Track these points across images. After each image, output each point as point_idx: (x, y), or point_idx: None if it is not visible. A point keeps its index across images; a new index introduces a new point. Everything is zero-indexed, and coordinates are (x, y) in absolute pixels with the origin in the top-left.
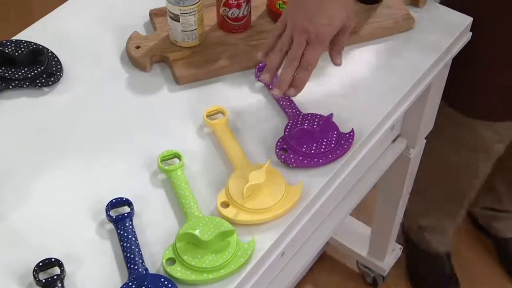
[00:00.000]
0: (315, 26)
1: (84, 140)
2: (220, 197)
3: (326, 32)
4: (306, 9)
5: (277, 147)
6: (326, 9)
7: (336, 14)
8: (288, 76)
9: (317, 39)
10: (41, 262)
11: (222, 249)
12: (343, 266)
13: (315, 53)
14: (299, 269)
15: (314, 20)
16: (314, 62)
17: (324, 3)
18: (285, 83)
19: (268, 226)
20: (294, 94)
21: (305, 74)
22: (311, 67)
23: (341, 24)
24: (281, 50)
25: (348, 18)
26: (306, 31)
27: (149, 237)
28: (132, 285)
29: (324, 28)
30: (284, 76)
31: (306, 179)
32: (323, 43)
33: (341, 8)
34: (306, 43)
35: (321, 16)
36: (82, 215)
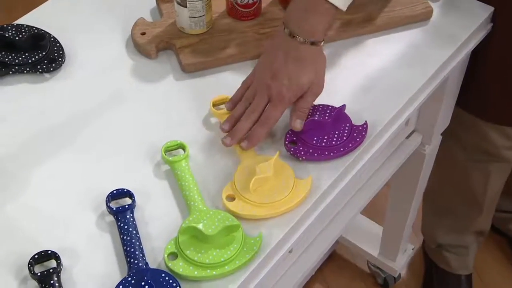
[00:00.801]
0: (277, 85)
1: (86, 129)
2: (225, 190)
3: (284, 94)
4: (272, 63)
5: (286, 139)
6: (289, 69)
7: (300, 77)
8: (244, 128)
9: (277, 98)
10: (37, 255)
11: (227, 244)
12: (353, 266)
13: (275, 111)
14: (308, 268)
15: (277, 78)
16: (272, 119)
17: (288, 63)
18: (238, 134)
19: (276, 221)
20: (246, 147)
21: (261, 130)
22: (268, 124)
23: (303, 88)
24: (246, 102)
25: (314, 83)
26: (268, 88)
27: (151, 231)
28: (131, 280)
29: (283, 89)
30: (239, 126)
31: (316, 173)
32: (282, 103)
33: (308, 72)
34: (268, 99)
35: (282, 76)
36: (81, 206)
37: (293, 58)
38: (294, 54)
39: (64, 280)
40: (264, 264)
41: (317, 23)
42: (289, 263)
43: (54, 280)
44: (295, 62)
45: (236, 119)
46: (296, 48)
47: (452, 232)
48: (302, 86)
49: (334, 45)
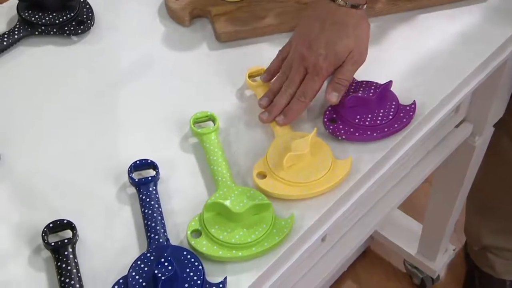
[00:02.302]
0: (312, 55)
1: (112, 97)
2: (257, 166)
3: (321, 64)
4: (309, 32)
5: (326, 116)
6: (326, 36)
7: (338, 43)
8: (281, 103)
9: (314, 70)
10: (52, 224)
11: (255, 224)
12: (388, 264)
13: (312, 85)
14: (340, 260)
15: (313, 48)
16: (310, 93)
17: (325, 29)
18: (275, 109)
19: (309, 203)
20: (282, 123)
21: (298, 105)
22: (306, 99)
23: (341, 55)
24: (283, 75)
25: (355, 50)
26: (303, 59)
27: (174, 206)
28: (150, 256)
29: (320, 58)
30: (277, 102)
31: (356, 155)
32: (320, 76)
33: (347, 37)
34: (305, 71)
35: (319, 45)
36: (102, 177)
37: (330, 23)
38: (332, 19)
39: (79, 252)
40: (295, 248)
41: None
42: (321, 253)
43: (69, 252)
44: (332, 27)
45: (274, 93)
46: (334, 12)
47: (498, 233)
48: (340, 54)
49: (382, 19)
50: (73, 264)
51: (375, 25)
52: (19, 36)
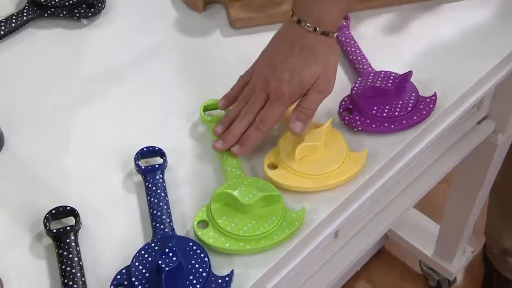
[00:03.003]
0: (276, 79)
1: (121, 83)
2: (268, 157)
3: (284, 90)
4: (274, 56)
5: (341, 107)
6: (292, 62)
7: (304, 70)
8: (237, 131)
9: (276, 96)
10: (54, 210)
11: (264, 216)
12: (403, 265)
13: (272, 112)
14: (354, 258)
15: (277, 73)
16: (269, 121)
17: (293, 55)
18: (230, 137)
19: (322, 196)
20: (237, 153)
21: (256, 134)
22: (264, 127)
23: (306, 83)
24: (243, 101)
25: (321, 78)
26: (266, 83)
27: (182, 195)
28: (155, 246)
29: (283, 84)
30: (232, 129)
31: (373, 147)
32: (281, 102)
33: (314, 64)
34: (266, 97)
35: (283, 70)
36: (108, 163)
37: (298, 48)
38: (300, 44)
39: (81, 240)
40: (305, 243)
41: (331, 9)
42: (334, 249)
43: (71, 239)
44: (300, 53)
45: (231, 121)
46: (303, 37)
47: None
48: (305, 81)
49: (403, 8)
50: (75, 253)
51: (392, 14)
52: (28, 18)
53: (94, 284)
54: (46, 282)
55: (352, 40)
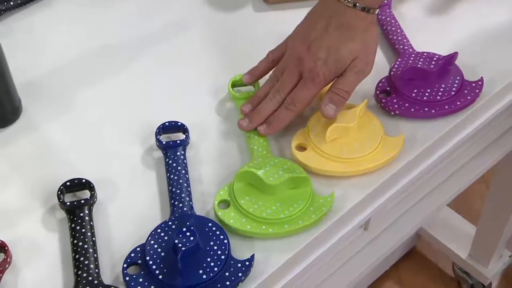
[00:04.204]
0: (311, 58)
1: (145, 55)
2: (296, 137)
3: (318, 70)
4: (310, 32)
5: (378, 88)
6: (329, 39)
7: (342, 48)
8: (266, 110)
9: (310, 75)
10: (69, 182)
11: (290, 199)
12: (435, 267)
13: (305, 92)
14: (383, 254)
15: (312, 50)
16: (301, 102)
17: (329, 31)
18: (258, 116)
19: (353, 182)
20: (264, 132)
21: (286, 114)
22: (295, 108)
23: (344, 62)
24: (274, 79)
25: (360, 58)
26: (299, 61)
27: (203, 173)
28: (172, 224)
29: (318, 63)
30: (261, 107)
31: (410, 133)
32: (315, 82)
33: (353, 43)
34: (299, 76)
35: (319, 47)
36: (128, 137)
37: (336, 25)
38: (338, 20)
39: (96, 215)
40: (333, 231)
41: None
42: (362, 243)
43: (85, 213)
44: (337, 30)
45: (260, 100)
46: (342, 13)
47: None
48: (342, 60)
49: None
50: (88, 227)
51: None
52: None
53: (106, 261)
54: (57, 257)
55: (393, 19)
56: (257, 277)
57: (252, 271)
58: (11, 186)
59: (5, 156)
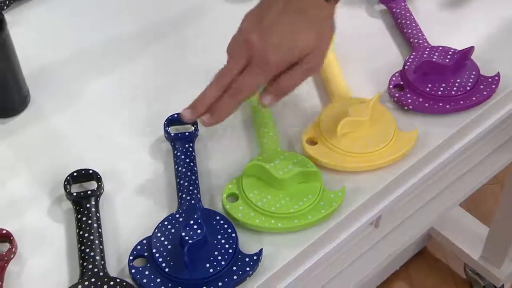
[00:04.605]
0: (261, 42)
1: (156, 43)
2: (307, 131)
3: (269, 55)
4: (264, 14)
5: (391, 83)
6: (284, 24)
7: (296, 37)
8: (207, 97)
9: (258, 61)
10: (76, 173)
11: (300, 193)
12: (446, 268)
13: (252, 79)
14: (394, 251)
15: (263, 34)
16: (246, 90)
17: (285, 16)
18: (199, 105)
19: (364, 177)
20: (208, 122)
21: (230, 102)
22: (240, 96)
23: (298, 52)
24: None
25: (315, 51)
26: (248, 45)
27: (212, 166)
28: (179, 217)
29: (269, 49)
30: (203, 94)
31: (424, 128)
32: (264, 69)
33: (310, 32)
34: (247, 61)
35: (272, 32)
36: (136, 129)
37: (293, 10)
38: (296, 6)
39: (102, 207)
40: (343, 227)
41: None
42: (372, 241)
43: (91, 204)
44: (294, 15)
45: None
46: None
47: None
48: (297, 50)
49: None
50: (95, 219)
51: None
52: None
53: (112, 253)
54: (62, 248)
55: (408, 12)
56: (265, 272)
57: (260, 266)
58: (18, 176)
59: (13, 146)
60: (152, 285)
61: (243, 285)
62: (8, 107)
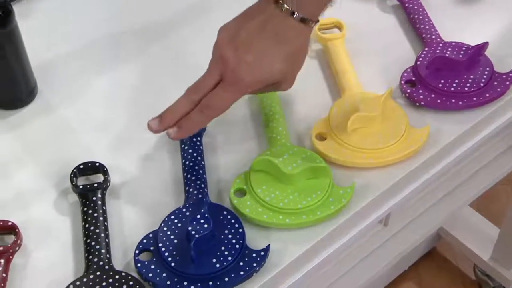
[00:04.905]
0: (235, 58)
1: (165, 35)
2: (316, 127)
3: (242, 74)
4: (240, 30)
5: (403, 78)
6: (261, 44)
7: (274, 60)
8: (177, 110)
9: (231, 78)
10: (83, 165)
11: (309, 189)
12: (455, 269)
13: (223, 96)
14: (404, 250)
15: (240, 51)
16: (217, 107)
17: (263, 35)
18: (168, 117)
19: (374, 174)
20: (174, 136)
21: (198, 118)
22: (210, 113)
23: (274, 77)
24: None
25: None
26: (223, 60)
27: (220, 161)
28: (186, 211)
29: (243, 67)
30: (173, 107)
31: (436, 125)
32: (236, 88)
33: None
34: (220, 77)
35: (248, 50)
36: (143, 122)
37: (270, 31)
38: (274, 28)
39: (109, 199)
40: (352, 223)
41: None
42: (382, 239)
43: (97, 197)
44: (272, 38)
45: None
46: (278, 21)
47: None
48: (270, 75)
49: None
50: (101, 212)
51: None
52: None
53: (118, 247)
54: (68, 241)
55: (420, 7)
56: (272, 268)
57: (267, 262)
58: (24, 168)
59: (19, 137)
60: (157, 280)
61: (250, 281)
62: (15, 99)
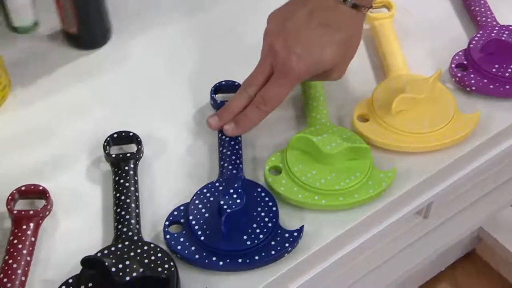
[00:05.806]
0: (286, 51)
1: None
2: (359, 107)
3: (293, 65)
4: (286, 20)
5: (454, 62)
6: (311, 34)
7: (324, 49)
8: (234, 106)
9: (282, 70)
10: (116, 134)
11: (347, 170)
12: (495, 274)
13: (276, 90)
14: (442, 247)
15: (289, 43)
16: (272, 101)
17: (312, 24)
18: (226, 114)
19: (418, 159)
20: (232, 133)
21: (255, 113)
22: (266, 107)
23: (323, 65)
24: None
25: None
26: (273, 52)
27: (256, 139)
28: (219, 186)
29: (293, 58)
30: (230, 103)
31: (487, 111)
32: (288, 78)
33: (338, 45)
34: (271, 69)
35: (298, 41)
36: (183, 96)
37: (320, 20)
38: (324, 16)
39: (141, 170)
40: (389, 210)
41: None
42: (420, 232)
43: (130, 167)
44: (322, 27)
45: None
46: (329, 8)
47: None
48: (322, 64)
49: None
50: (132, 182)
51: None
52: None
53: (148, 218)
54: (98, 209)
55: None
56: (304, 250)
57: (299, 243)
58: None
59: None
60: (186, 253)
61: (281, 262)
62: (88, 38)
